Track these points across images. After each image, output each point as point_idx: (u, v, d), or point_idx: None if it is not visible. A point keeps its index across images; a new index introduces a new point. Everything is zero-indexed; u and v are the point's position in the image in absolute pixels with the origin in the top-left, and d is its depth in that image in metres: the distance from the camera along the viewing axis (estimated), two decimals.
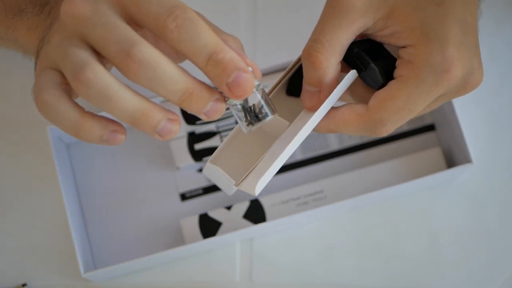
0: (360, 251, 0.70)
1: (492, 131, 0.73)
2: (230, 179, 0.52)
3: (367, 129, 0.53)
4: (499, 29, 0.75)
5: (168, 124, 0.47)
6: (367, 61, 0.53)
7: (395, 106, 0.52)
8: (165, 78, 0.45)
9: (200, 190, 0.71)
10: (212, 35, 0.46)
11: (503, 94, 0.74)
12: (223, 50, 0.46)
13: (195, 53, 0.46)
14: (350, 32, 0.52)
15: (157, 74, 0.45)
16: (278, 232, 0.71)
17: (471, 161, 0.67)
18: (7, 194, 0.70)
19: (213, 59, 0.45)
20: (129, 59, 0.45)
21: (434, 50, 0.51)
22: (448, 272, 0.70)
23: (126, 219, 0.70)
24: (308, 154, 0.72)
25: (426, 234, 0.71)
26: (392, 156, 0.72)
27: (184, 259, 0.70)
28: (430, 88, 0.52)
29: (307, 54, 0.52)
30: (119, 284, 0.69)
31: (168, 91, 0.46)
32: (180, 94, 0.46)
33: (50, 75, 0.49)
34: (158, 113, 0.46)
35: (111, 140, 0.48)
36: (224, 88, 0.46)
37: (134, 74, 0.45)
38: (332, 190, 0.70)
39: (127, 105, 0.46)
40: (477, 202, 0.72)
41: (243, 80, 0.46)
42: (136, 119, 0.46)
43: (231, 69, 0.45)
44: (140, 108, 0.46)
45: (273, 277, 0.70)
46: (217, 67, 0.45)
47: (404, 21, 0.52)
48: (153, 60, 0.45)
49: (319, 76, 0.52)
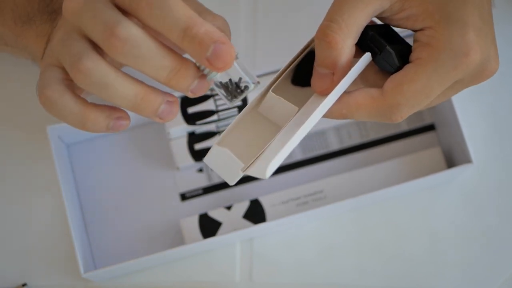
0: (360, 251, 0.70)
1: (492, 131, 0.73)
2: (239, 161, 0.50)
3: (382, 114, 0.52)
4: (499, 28, 0.75)
5: (168, 107, 0.47)
6: (383, 44, 0.52)
7: (412, 90, 0.51)
8: (151, 56, 0.45)
9: (200, 190, 0.71)
10: (184, 10, 0.45)
11: (503, 94, 0.74)
12: (197, 23, 0.45)
13: (168, 29, 0.46)
14: (366, 13, 0.51)
15: (143, 51, 0.45)
16: (278, 232, 0.71)
17: (471, 161, 0.67)
18: (7, 194, 0.70)
19: (188, 35, 0.45)
20: (114, 37, 0.45)
21: (454, 33, 0.51)
22: (448, 272, 0.70)
23: (126, 219, 0.70)
24: (308, 154, 0.72)
25: (426, 234, 0.71)
26: (392, 156, 0.72)
27: (184, 259, 0.70)
28: (449, 72, 0.51)
29: (322, 34, 0.51)
30: (119, 284, 0.69)
31: (156, 69, 0.46)
32: (168, 71, 0.46)
33: (53, 72, 0.49)
34: (157, 96, 0.47)
35: (117, 127, 0.49)
36: (204, 62, 0.46)
37: (120, 52, 0.45)
38: (332, 190, 0.70)
39: (126, 91, 0.46)
40: (477, 202, 0.72)
41: (222, 51, 0.45)
42: (136, 104, 0.47)
43: (208, 42, 0.45)
44: (140, 93, 0.47)
45: (273, 277, 0.70)
46: (193, 42, 0.45)
47: (422, 4, 0.51)
48: (138, 37, 0.45)
49: (334, 57, 0.51)
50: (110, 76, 0.46)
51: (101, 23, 0.45)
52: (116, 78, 0.46)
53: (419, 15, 0.52)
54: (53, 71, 0.50)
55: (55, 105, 0.48)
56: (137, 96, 0.47)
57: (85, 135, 0.71)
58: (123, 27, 0.45)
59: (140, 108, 0.47)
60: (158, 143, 0.72)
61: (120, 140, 0.72)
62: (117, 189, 0.71)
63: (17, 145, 0.71)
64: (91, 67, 0.46)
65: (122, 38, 0.45)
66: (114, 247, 0.70)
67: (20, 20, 0.63)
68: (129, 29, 0.45)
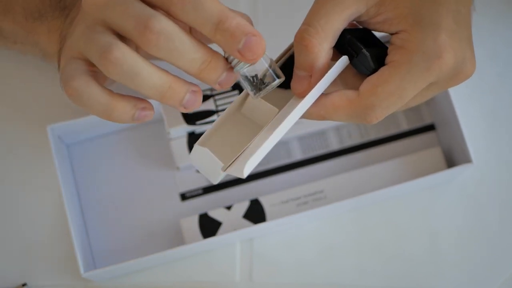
0: (360, 251, 0.70)
1: (492, 131, 0.73)
2: (218, 161, 0.51)
3: (358, 115, 0.53)
4: (497, 29, 0.75)
5: (193, 96, 0.48)
6: (359, 47, 0.53)
7: (386, 91, 0.52)
8: (184, 48, 0.47)
9: (200, 190, 0.71)
10: (216, 3, 0.47)
11: (502, 94, 0.74)
12: (229, 17, 0.46)
13: (201, 23, 0.47)
14: (343, 18, 0.52)
15: (177, 44, 0.46)
16: (278, 232, 0.71)
17: (471, 161, 0.67)
18: (7, 194, 0.70)
19: (220, 28, 0.46)
20: (148, 31, 0.46)
21: (427, 36, 0.52)
22: (448, 272, 0.70)
23: (126, 219, 0.70)
24: (308, 154, 0.72)
25: (426, 234, 0.71)
26: (392, 156, 0.72)
27: (184, 259, 0.70)
28: (422, 74, 0.52)
29: (299, 38, 0.52)
30: (119, 284, 0.69)
31: (188, 61, 0.47)
32: (200, 63, 0.47)
33: (76, 64, 0.50)
34: (183, 86, 0.48)
35: (142, 117, 0.50)
36: (236, 54, 0.47)
37: (154, 45, 0.46)
38: (332, 190, 0.70)
39: (154, 80, 0.47)
40: (477, 202, 0.72)
41: (253, 43, 0.47)
42: (163, 93, 0.48)
43: (240, 35, 0.46)
44: (167, 83, 0.48)
45: (273, 277, 0.70)
46: (226, 35, 0.47)
47: (397, 8, 0.52)
48: (171, 30, 0.46)
49: (311, 60, 0.52)
50: (139, 66, 0.47)
51: (133, 17, 0.46)
52: (144, 68, 0.47)
53: (394, 19, 0.53)
54: (76, 63, 0.50)
55: (82, 96, 0.49)
56: (164, 86, 0.48)
57: (85, 135, 0.71)
58: (157, 20, 0.46)
59: (167, 97, 0.48)
60: (158, 143, 0.72)
61: (120, 140, 0.72)
62: (117, 189, 0.71)
63: (17, 145, 0.71)
64: (121, 57, 0.47)
65: (156, 32, 0.46)
66: (114, 247, 0.70)
67: (32, 17, 0.64)
68: (162, 22, 0.46)
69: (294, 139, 0.71)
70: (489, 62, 0.74)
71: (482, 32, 0.74)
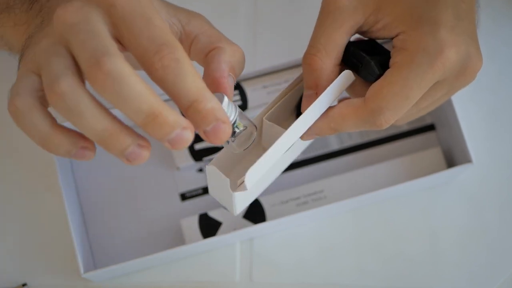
0: (360, 251, 0.70)
1: (492, 131, 0.73)
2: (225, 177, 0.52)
3: (366, 120, 0.53)
4: (497, 27, 0.75)
5: (137, 149, 0.45)
6: (362, 56, 0.53)
7: (392, 92, 0.52)
8: (130, 96, 0.43)
9: (200, 190, 0.71)
10: (196, 81, 0.45)
11: (502, 93, 0.74)
12: (205, 99, 0.45)
13: (177, 96, 0.45)
14: (342, 32, 0.53)
15: (123, 89, 0.43)
16: (278, 232, 0.71)
17: (471, 161, 0.67)
18: (7, 194, 0.70)
19: (195, 107, 0.45)
20: (97, 68, 0.43)
21: (425, 33, 0.52)
22: (448, 272, 0.70)
23: (126, 219, 0.70)
24: (308, 154, 0.72)
25: (426, 234, 0.71)
26: (392, 156, 0.72)
27: (184, 259, 0.70)
28: (425, 71, 0.52)
29: (304, 58, 0.53)
30: (119, 284, 0.69)
31: (132, 110, 0.44)
32: (144, 116, 0.44)
33: (27, 81, 0.48)
34: (128, 137, 0.45)
35: (80, 156, 0.47)
36: (201, 133, 0.46)
37: (100, 85, 0.43)
38: (332, 190, 0.70)
39: (96, 123, 0.44)
40: (477, 202, 0.72)
41: (221, 130, 0.46)
42: (103, 138, 0.45)
43: (210, 119, 0.45)
44: (110, 129, 0.45)
45: (273, 277, 0.70)
46: (198, 115, 0.45)
47: (393, 11, 0.53)
48: (122, 74, 0.43)
49: (315, 78, 0.53)
50: (84, 105, 0.44)
51: (90, 49, 0.44)
52: (89, 108, 0.44)
53: (392, 23, 0.53)
54: (29, 79, 0.48)
55: (22, 118, 0.47)
56: (105, 131, 0.45)
57: None
58: (111, 59, 0.43)
59: (106, 143, 0.45)
60: (158, 143, 0.71)
61: None
62: (117, 189, 0.71)
63: (17, 145, 0.71)
64: (66, 92, 0.44)
65: (106, 71, 0.43)
66: (114, 247, 0.70)
67: None
68: (116, 63, 0.43)
69: None
70: (489, 61, 0.74)
71: (482, 31, 0.74)
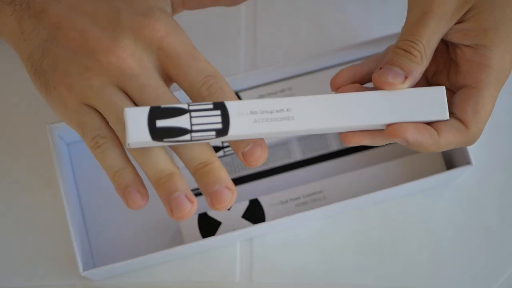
0: (359, 251, 0.70)
1: (491, 133, 0.73)
2: None
3: (468, 143, 0.55)
4: None
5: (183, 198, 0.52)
6: None
7: (487, 113, 0.54)
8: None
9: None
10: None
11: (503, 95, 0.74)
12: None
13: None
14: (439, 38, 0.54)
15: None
16: (278, 232, 0.71)
17: (470, 162, 0.67)
18: (6, 193, 0.70)
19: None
20: None
21: (506, 53, 0.53)
22: (448, 272, 0.70)
23: (126, 218, 0.70)
24: (308, 154, 0.72)
25: (425, 234, 0.71)
26: (392, 157, 0.72)
27: (183, 258, 0.70)
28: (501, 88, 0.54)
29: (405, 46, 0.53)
30: (117, 283, 0.69)
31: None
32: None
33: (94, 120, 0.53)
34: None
35: (131, 199, 0.54)
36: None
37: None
38: (331, 191, 0.70)
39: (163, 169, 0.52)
40: (477, 204, 0.72)
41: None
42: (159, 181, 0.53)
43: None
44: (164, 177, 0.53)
45: (273, 277, 0.70)
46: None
47: (479, 20, 0.53)
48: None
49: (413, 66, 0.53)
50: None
51: None
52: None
53: (473, 31, 0.53)
54: (93, 119, 0.53)
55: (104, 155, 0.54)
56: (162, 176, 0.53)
57: None
58: None
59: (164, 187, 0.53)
60: None
61: None
62: None
63: (17, 144, 0.71)
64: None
65: None
66: (113, 245, 0.70)
67: None
68: None
69: (294, 139, 0.71)
70: None
71: None
